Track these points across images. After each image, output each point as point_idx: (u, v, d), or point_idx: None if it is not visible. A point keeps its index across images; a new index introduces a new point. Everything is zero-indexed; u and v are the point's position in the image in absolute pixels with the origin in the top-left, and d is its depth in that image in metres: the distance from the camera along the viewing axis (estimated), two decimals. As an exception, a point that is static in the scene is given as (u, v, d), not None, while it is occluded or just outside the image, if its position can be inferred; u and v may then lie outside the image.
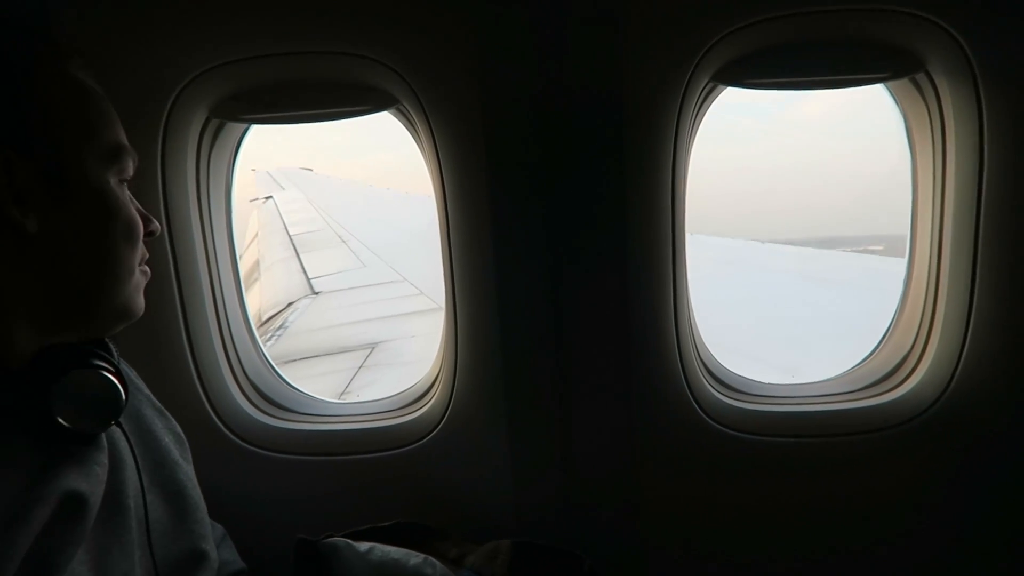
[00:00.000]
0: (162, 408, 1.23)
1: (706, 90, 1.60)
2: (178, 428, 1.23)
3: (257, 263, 13.05)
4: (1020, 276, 1.56)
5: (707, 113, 1.68)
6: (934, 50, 1.50)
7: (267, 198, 21.00)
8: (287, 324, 8.96)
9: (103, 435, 0.95)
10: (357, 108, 1.63)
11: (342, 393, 6.04)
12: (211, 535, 1.21)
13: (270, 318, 9.28)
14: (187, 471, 1.19)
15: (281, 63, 1.56)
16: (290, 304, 9.93)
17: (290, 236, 14.94)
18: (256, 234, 15.98)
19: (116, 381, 0.93)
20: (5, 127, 0.86)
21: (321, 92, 1.62)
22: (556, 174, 1.57)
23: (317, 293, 10.46)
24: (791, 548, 1.74)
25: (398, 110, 1.66)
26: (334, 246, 13.78)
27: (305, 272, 11.81)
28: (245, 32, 1.51)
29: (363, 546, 1.46)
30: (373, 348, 7.34)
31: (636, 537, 1.74)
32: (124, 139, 0.99)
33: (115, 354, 0.99)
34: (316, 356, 7.33)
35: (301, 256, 13.04)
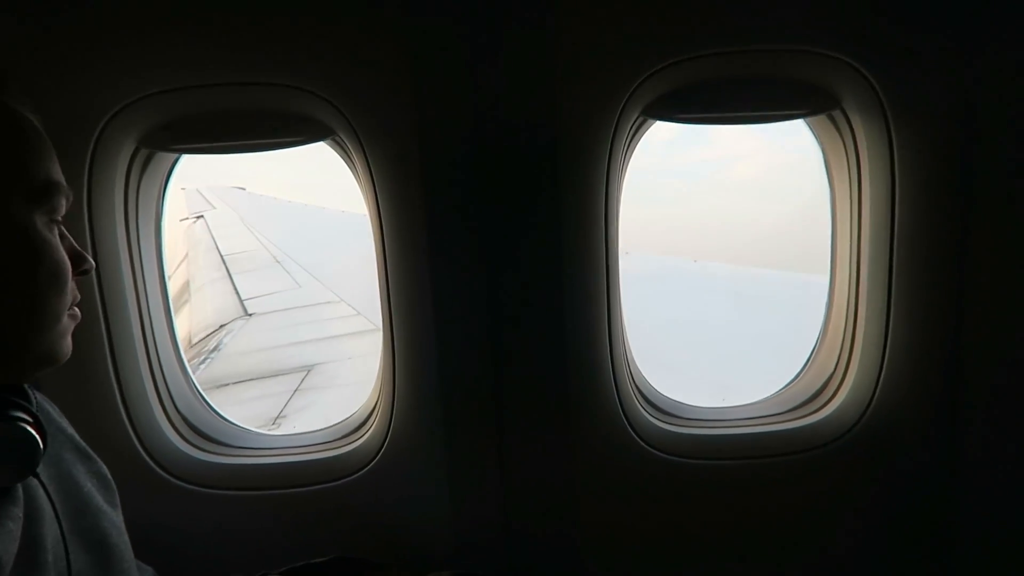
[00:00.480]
0: (86, 449, 1.17)
1: (637, 123, 1.65)
2: (103, 470, 1.17)
3: (187, 284, 12.68)
4: (932, 300, 1.66)
5: (633, 172, 1.73)
6: (847, 88, 1.59)
7: (198, 217, 20.46)
8: (220, 346, 8.74)
9: (18, 487, 0.90)
10: (292, 139, 1.62)
11: (277, 417, 5.91)
12: (147, 572, 1.17)
13: (201, 339, 9.03)
14: (112, 517, 1.13)
15: (213, 93, 1.54)
16: (222, 326, 9.69)
17: (222, 256, 14.58)
18: (186, 254, 15.55)
19: (33, 431, 0.87)
20: None
21: (255, 122, 1.60)
22: (492, 203, 1.59)
23: (250, 314, 10.23)
24: (726, 567, 1.78)
25: (334, 140, 1.65)
26: (268, 266, 13.52)
27: (238, 293, 11.54)
28: (176, 61, 1.49)
29: (300, 583, 1.44)
30: (309, 371, 7.22)
31: (576, 563, 1.76)
32: (58, 175, 0.92)
33: (33, 401, 0.94)
34: (250, 379, 7.17)
35: (233, 277, 12.73)
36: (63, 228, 0.94)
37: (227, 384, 7.02)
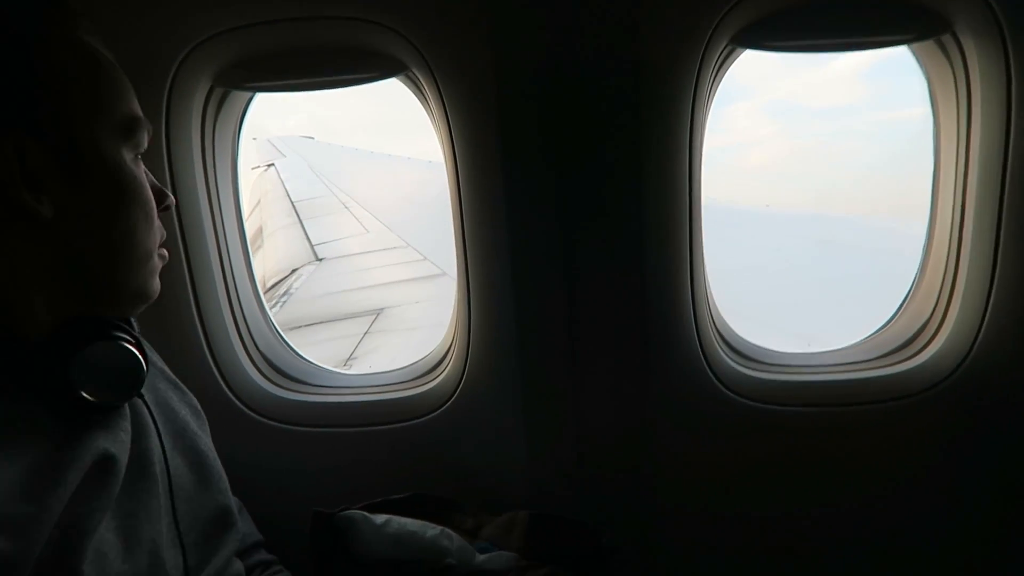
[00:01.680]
0: (177, 381, 1.21)
1: (724, 53, 1.55)
2: (194, 401, 1.22)
3: (260, 230, 13.01)
4: None
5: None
6: (961, 10, 1.45)
7: (269, 165, 20.85)
8: (291, 291, 8.99)
9: (126, 405, 0.94)
10: (366, 75, 1.59)
11: (348, 359, 6.07)
12: (234, 503, 1.21)
13: (274, 284, 9.29)
14: (206, 442, 1.19)
15: (286, 29, 1.52)
16: (294, 271, 9.94)
17: (292, 203, 14.87)
18: (259, 201, 15.91)
19: (137, 352, 0.91)
20: (15, 106, 0.80)
21: (328, 58, 1.58)
22: (570, 142, 1.53)
23: (321, 259, 10.46)
24: (806, 516, 1.73)
25: (407, 77, 1.61)
26: (337, 212, 13.73)
27: (308, 238, 11.78)
28: None
29: (379, 518, 1.46)
30: (378, 314, 7.36)
31: (650, 507, 1.74)
32: (138, 110, 0.92)
33: (135, 326, 0.97)
34: (321, 322, 7.37)
35: (304, 223, 12.99)
36: (144, 166, 0.95)
37: (300, 326, 7.24)
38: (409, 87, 1.66)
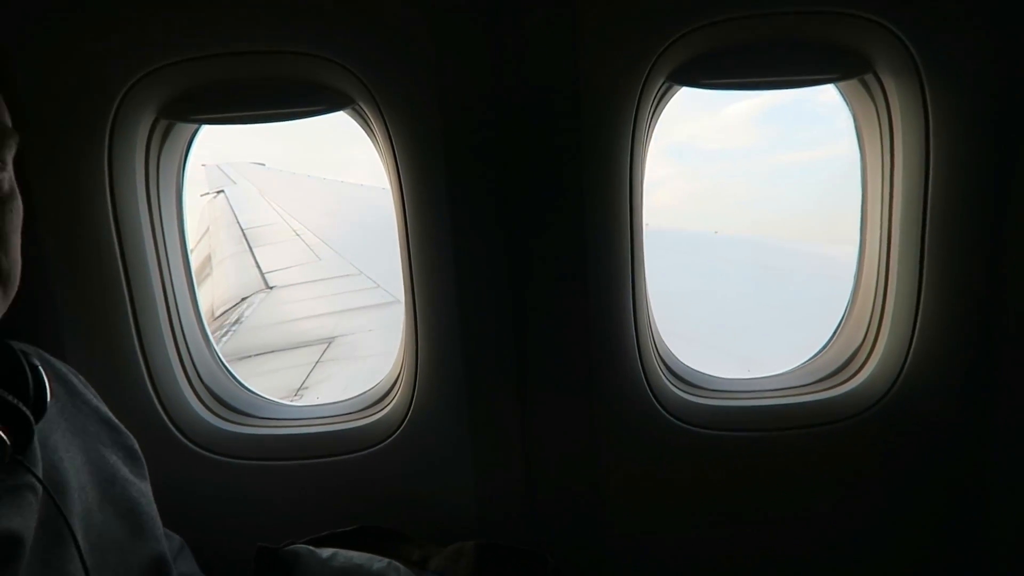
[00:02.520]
0: (112, 420, 1.17)
1: (662, 90, 1.61)
2: (131, 441, 1.18)
3: (208, 258, 12.80)
4: (965, 271, 1.62)
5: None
6: (881, 51, 1.54)
7: (218, 192, 20.55)
8: (241, 319, 8.82)
9: (36, 452, 0.89)
10: (312, 108, 1.60)
11: (299, 388, 5.97)
12: (168, 549, 1.17)
13: (223, 313, 9.12)
14: (140, 487, 1.14)
15: (233, 62, 1.53)
16: (244, 299, 9.78)
17: (243, 230, 14.67)
18: (207, 228, 15.66)
19: (23, 408, 0.84)
20: None
21: (275, 92, 1.59)
22: (514, 170, 1.57)
23: (271, 287, 10.32)
24: (750, 537, 1.78)
25: (353, 110, 1.63)
26: (288, 240, 13.59)
27: (259, 266, 11.62)
28: (196, 30, 1.48)
29: (325, 552, 1.44)
30: (330, 343, 7.28)
31: (599, 531, 1.76)
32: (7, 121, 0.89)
33: (27, 372, 0.90)
34: (271, 352, 7.24)
35: (254, 250, 12.82)
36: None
37: (250, 356, 7.10)
38: (356, 120, 1.68)
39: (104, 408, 1.18)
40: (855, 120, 1.73)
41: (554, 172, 1.57)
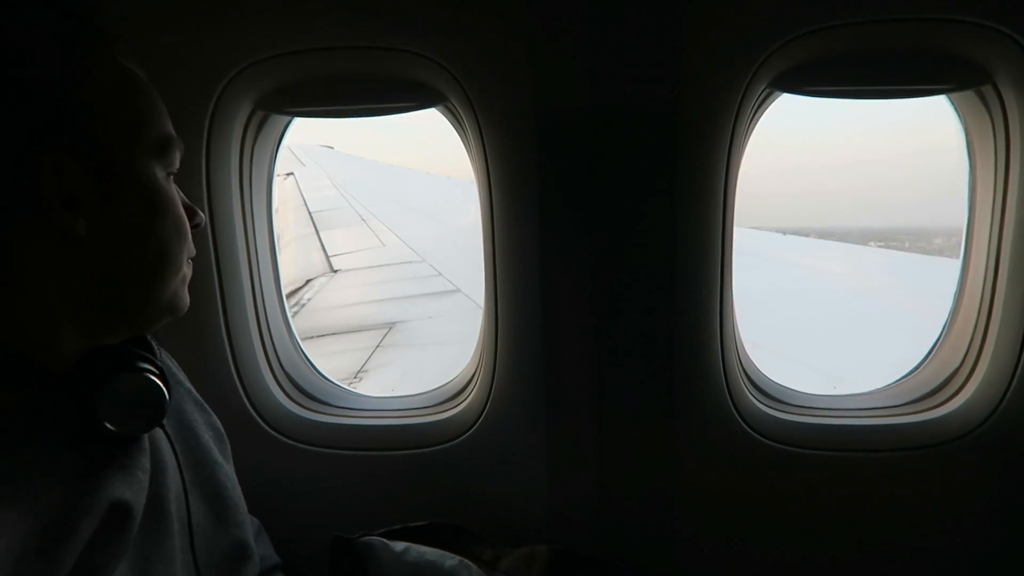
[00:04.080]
0: (202, 402, 1.21)
1: (762, 96, 1.56)
2: (218, 423, 1.21)
3: (277, 239, 13.11)
4: None
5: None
6: (1002, 61, 1.45)
7: (288, 175, 21.03)
8: (305, 301, 9.03)
9: (145, 438, 0.92)
10: (405, 104, 1.61)
11: (358, 371, 6.07)
12: (251, 533, 1.19)
13: (288, 294, 9.31)
14: (227, 470, 1.17)
15: (329, 57, 1.54)
16: (308, 281, 10.00)
17: (310, 213, 15.00)
18: (276, 209, 16.01)
19: (160, 383, 0.90)
20: (54, 127, 0.80)
21: (369, 87, 1.60)
22: (606, 178, 1.54)
23: (336, 271, 10.52)
24: (828, 560, 1.72)
25: (446, 107, 1.63)
26: (354, 224, 13.83)
27: (324, 249, 11.86)
28: (294, 26, 1.49)
29: (398, 546, 1.46)
30: (390, 328, 7.38)
31: (671, 541, 1.73)
32: (171, 130, 0.93)
33: (158, 353, 0.97)
34: (333, 334, 7.39)
35: (320, 233, 13.08)
36: (175, 185, 0.96)
37: (311, 337, 7.27)
38: (447, 116, 1.68)
39: (194, 390, 1.21)
40: (966, 132, 1.63)
41: (647, 180, 1.53)
